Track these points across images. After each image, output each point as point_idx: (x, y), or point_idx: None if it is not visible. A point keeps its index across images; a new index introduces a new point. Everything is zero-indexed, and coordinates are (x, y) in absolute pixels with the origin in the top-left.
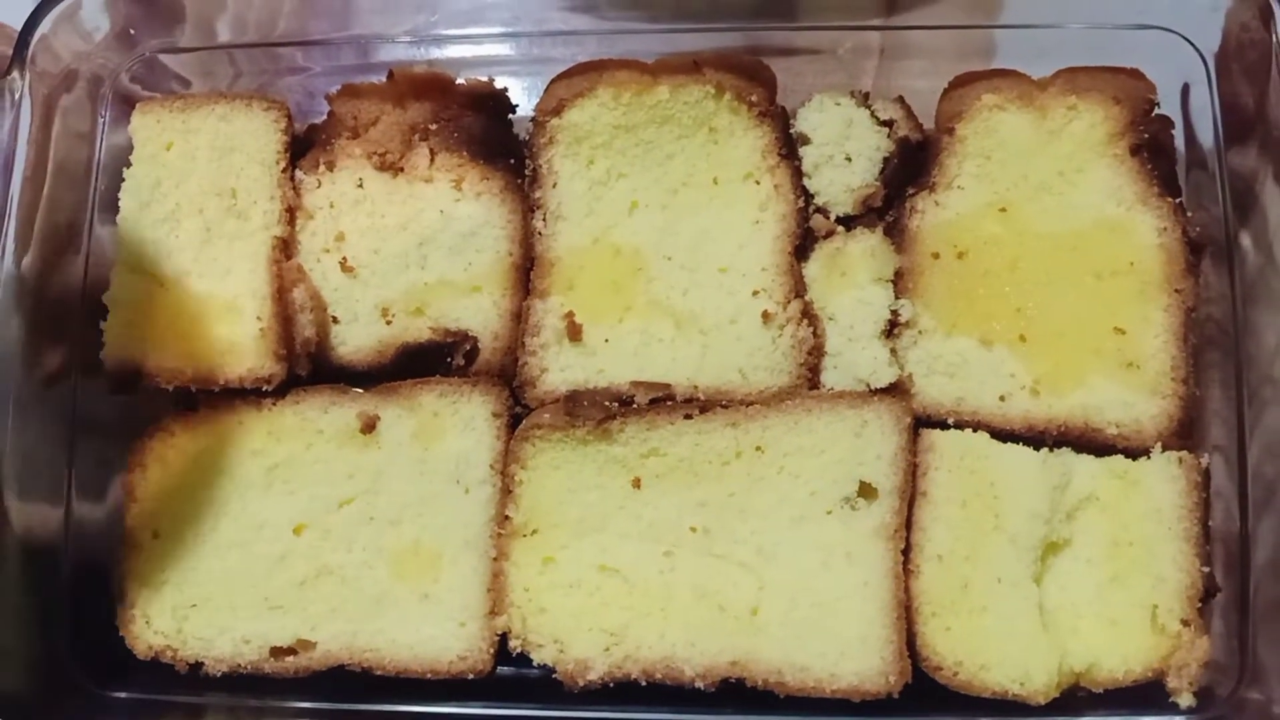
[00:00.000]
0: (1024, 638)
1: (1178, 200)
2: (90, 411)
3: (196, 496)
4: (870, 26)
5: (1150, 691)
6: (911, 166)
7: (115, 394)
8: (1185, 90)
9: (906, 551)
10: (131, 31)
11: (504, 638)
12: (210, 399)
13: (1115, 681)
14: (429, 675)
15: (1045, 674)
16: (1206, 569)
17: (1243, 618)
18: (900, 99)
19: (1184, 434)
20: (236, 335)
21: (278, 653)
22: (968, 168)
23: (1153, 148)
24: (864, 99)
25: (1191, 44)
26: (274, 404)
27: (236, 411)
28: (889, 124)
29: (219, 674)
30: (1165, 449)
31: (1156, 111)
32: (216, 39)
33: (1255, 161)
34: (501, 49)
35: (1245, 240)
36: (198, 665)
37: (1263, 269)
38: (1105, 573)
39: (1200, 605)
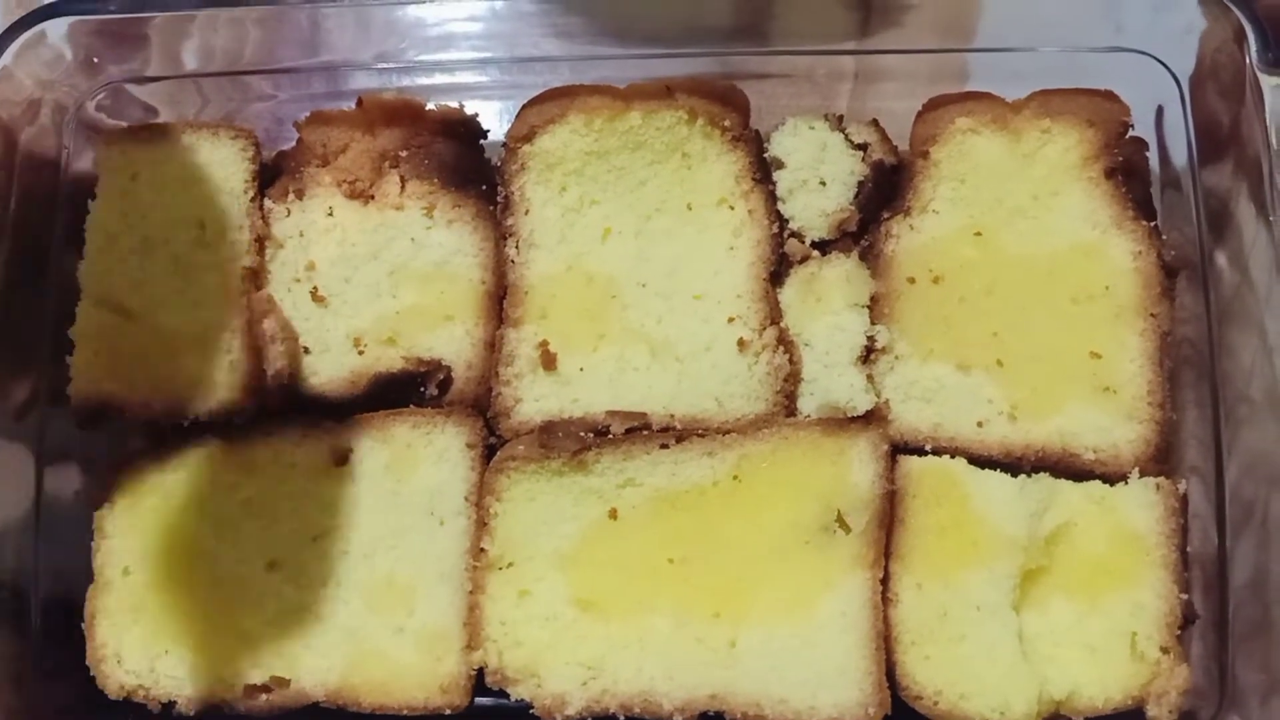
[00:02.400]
0: (1004, 666)
1: (1153, 224)
2: (59, 444)
3: (167, 532)
4: (844, 51)
5: (1131, 719)
6: (886, 190)
7: (83, 429)
8: (1160, 112)
9: (885, 580)
10: (95, 60)
11: (481, 671)
12: (180, 432)
13: (1095, 709)
14: (405, 712)
15: (1025, 702)
16: (1185, 596)
17: (1221, 639)
18: (875, 122)
19: (1161, 459)
20: (206, 368)
21: (251, 691)
22: (942, 191)
23: (1127, 170)
24: (838, 122)
25: (1166, 66)
26: (244, 438)
27: (207, 445)
28: (863, 147)
29: (192, 713)
30: (1143, 474)
31: (1131, 134)
32: (183, 67)
33: (1230, 180)
34: (473, 75)
35: (1220, 259)
36: (170, 705)
37: (1238, 287)
38: (1084, 600)
39: (1179, 632)
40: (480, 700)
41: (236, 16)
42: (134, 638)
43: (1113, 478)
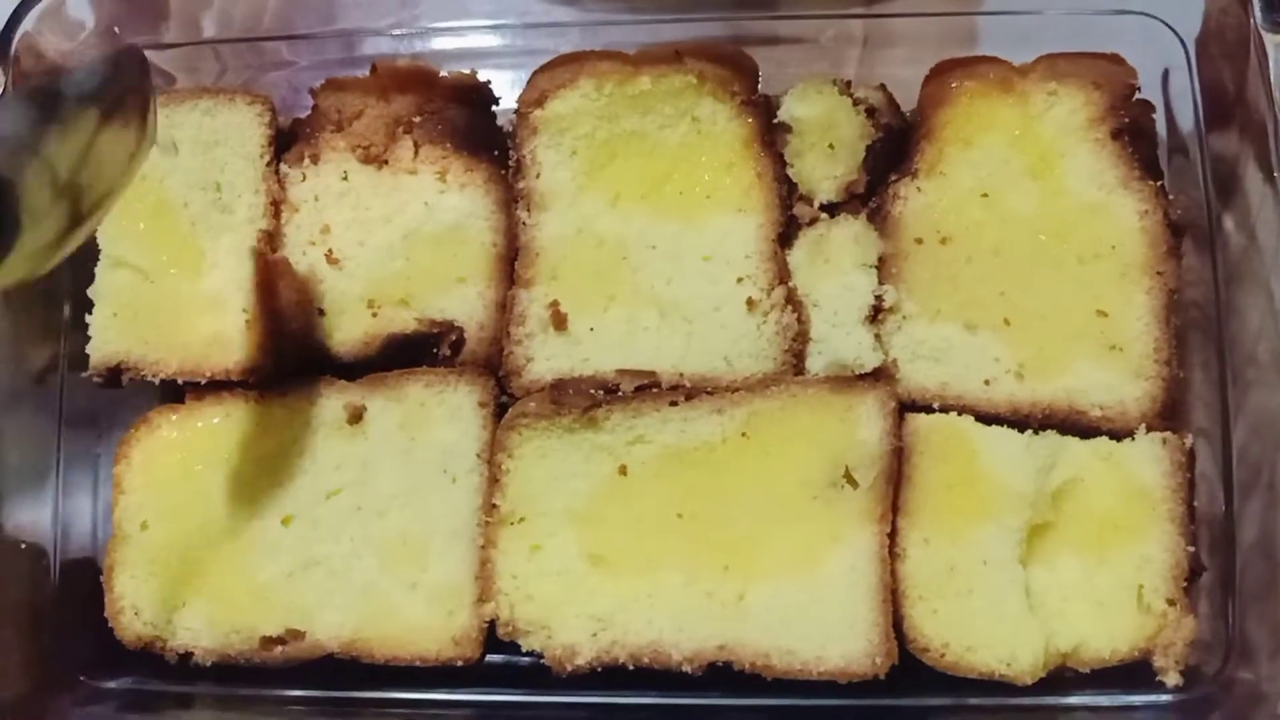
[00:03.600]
0: (1011, 619)
1: (1159, 183)
2: (79, 407)
3: (184, 488)
4: (852, 15)
5: (1137, 671)
6: (894, 153)
7: (103, 388)
8: (1165, 75)
9: (892, 535)
10: (116, 30)
11: (492, 625)
12: (196, 391)
13: (1102, 661)
14: (418, 663)
15: (1032, 654)
16: (1191, 549)
17: (1229, 597)
18: (882, 86)
19: (1168, 415)
20: (222, 328)
21: (267, 643)
22: (949, 154)
23: (1134, 132)
24: (846, 87)
25: (1171, 29)
26: (260, 396)
27: (223, 403)
28: (871, 111)
29: (208, 664)
30: (1149, 430)
31: (1137, 96)
32: (202, 35)
33: (1236, 145)
34: (485, 41)
35: (1228, 223)
36: (187, 655)
37: (1245, 250)
38: (1091, 554)
39: (1186, 585)
40: (491, 656)
41: None
42: (151, 590)
43: (1120, 434)
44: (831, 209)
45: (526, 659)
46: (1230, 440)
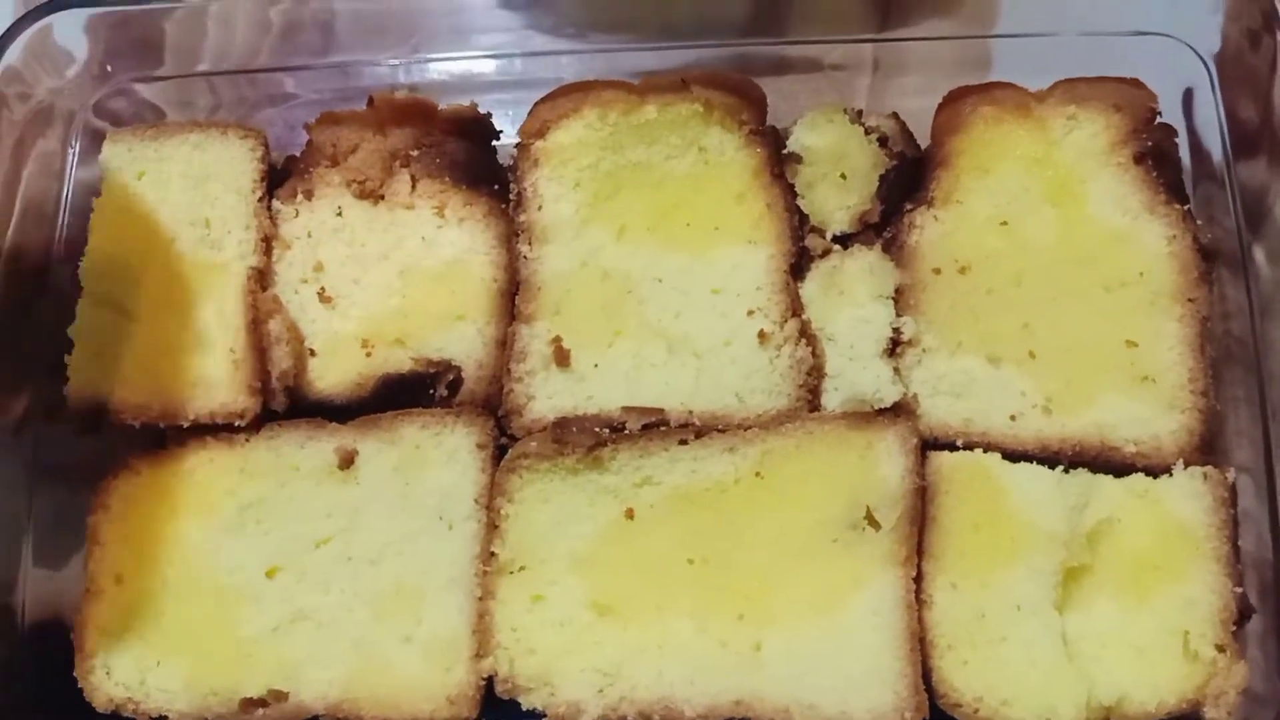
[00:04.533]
0: (1047, 669)
1: (1186, 207)
2: (56, 457)
3: (163, 539)
4: (864, 39)
5: None
6: (908, 183)
7: (81, 433)
8: (1188, 96)
9: (918, 580)
10: (104, 61)
11: (491, 681)
12: (179, 436)
13: (1148, 714)
14: None
15: (1072, 708)
16: (1239, 589)
17: None
18: (895, 114)
19: (1206, 449)
20: (208, 368)
21: (248, 705)
22: (966, 181)
23: (1156, 155)
24: (858, 116)
25: (1192, 48)
26: (247, 440)
27: (207, 448)
28: (884, 140)
29: None
30: (1187, 465)
31: (1159, 120)
32: (196, 68)
33: (1265, 174)
34: (485, 74)
35: (1259, 254)
36: (161, 719)
37: (1278, 283)
38: (1131, 598)
39: (1235, 629)
40: (489, 716)
41: (252, 16)
42: (125, 648)
43: (1156, 470)
44: (845, 240)
45: (527, 718)
46: (1275, 477)
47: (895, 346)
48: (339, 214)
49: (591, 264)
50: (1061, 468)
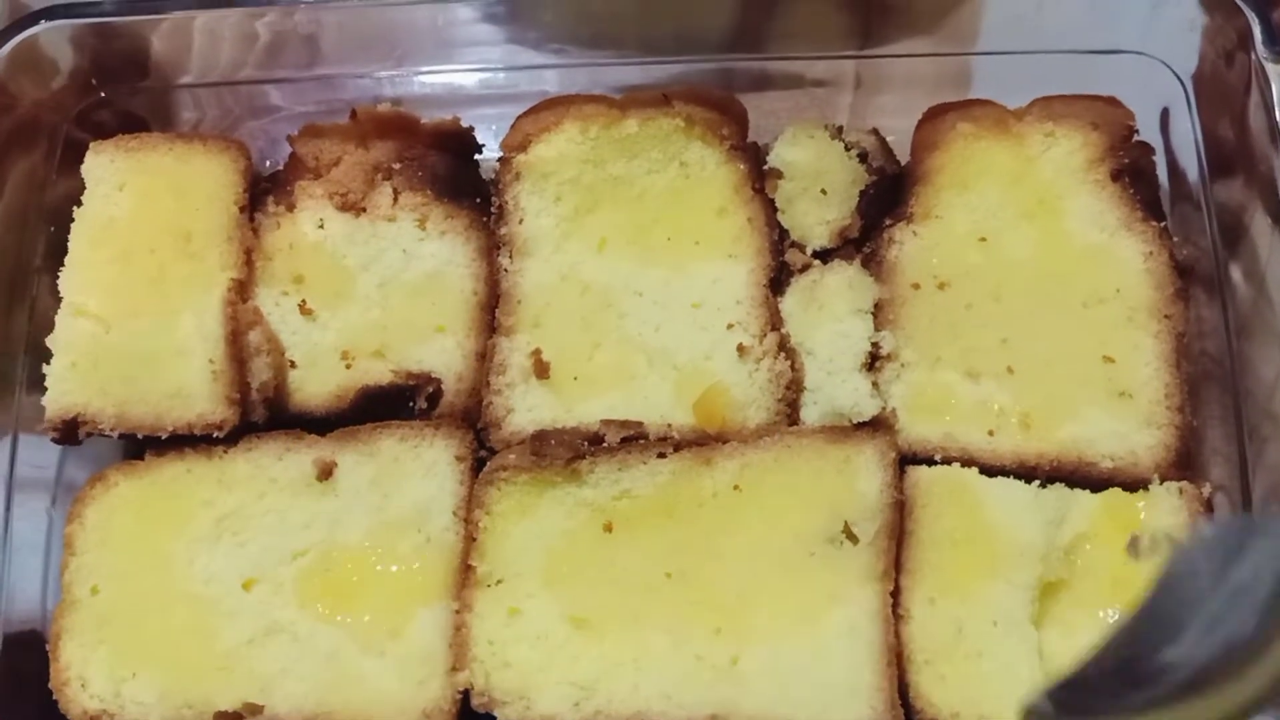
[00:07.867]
0: (1025, 684)
1: (1162, 224)
2: (32, 463)
3: (139, 550)
4: (844, 55)
5: None
6: (888, 198)
7: (59, 443)
8: (1165, 115)
9: (895, 595)
10: (93, 80)
11: (466, 695)
12: (158, 447)
13: None
14: None
15: None
16: None
17: None
18: (875, 131)
19: (1182, 464)
20: (186, 379)
21: (222, 717)
22: (945, 197)
23: (1133, 172)
24: (838, 131)
25: (1169, 68)
26: (225, 451)
27: (185, 459)
28: (864, 156)
29: None
30: (1164, 480)
31: (1136, 138)
32: (180, 80)
33: (1241, 193)
34: (468, 88)
35: (1235, 274)
36: None
37: (1255, 302)
38: (1108, 613)
39: None
40: None
41: (238, 29)
42: (100, 660)
43: (1132, 485)
44: (824, 255)
45: None
46: (1251, 495)
47: (874, 361)
48: (320, 226)
49: (572, 277)
50: (1039, 482)
